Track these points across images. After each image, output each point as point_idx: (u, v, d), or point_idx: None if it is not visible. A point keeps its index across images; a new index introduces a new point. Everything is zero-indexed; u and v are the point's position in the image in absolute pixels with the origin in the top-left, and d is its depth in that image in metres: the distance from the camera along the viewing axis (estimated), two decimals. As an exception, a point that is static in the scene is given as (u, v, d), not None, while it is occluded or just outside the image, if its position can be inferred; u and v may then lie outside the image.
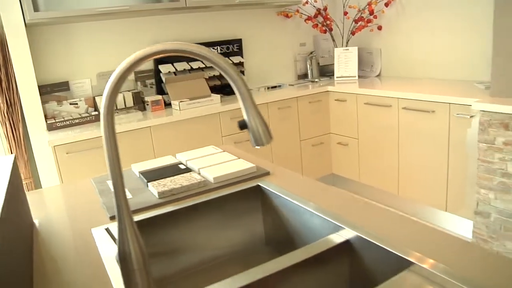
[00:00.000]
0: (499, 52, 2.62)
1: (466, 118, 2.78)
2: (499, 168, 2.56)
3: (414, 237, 1.04)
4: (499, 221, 2.65)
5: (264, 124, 0.87)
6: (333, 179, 4.14)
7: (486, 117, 2.57)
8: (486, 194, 2.67)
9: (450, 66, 3.59)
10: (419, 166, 3.18)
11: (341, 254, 1.08)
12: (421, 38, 3.79)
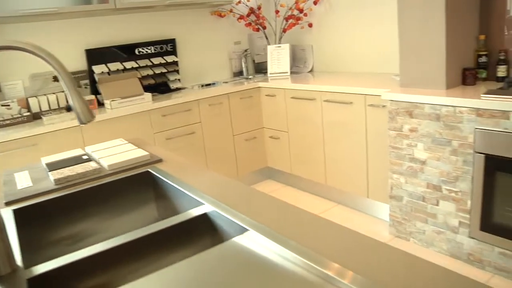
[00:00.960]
0: (405, 46, 2.80)
1: (379, 108, 2.94)
2: (407, 153, 2.73)
3: (270, 213, 1.14)
4: (410, 204, 2.82)
5: (85, 105, 0.97)
6: (268, 172, 4.26)
7: (394, 106, 2.73)
8: (398, 178, 2.83)
9: (374, 60, 3.77)
10: (342, 155, 3.34)
11: (203, 227, 1.19)
12: (348, 34, 3.97)
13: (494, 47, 2.86)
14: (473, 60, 2.89)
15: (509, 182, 2.33)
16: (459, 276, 0.77)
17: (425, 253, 2.78)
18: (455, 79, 2.74)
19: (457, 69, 2.76)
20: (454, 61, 2.70)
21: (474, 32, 2.88)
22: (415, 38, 2.71)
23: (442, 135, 2.53)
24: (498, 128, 2.31)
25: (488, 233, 2.49)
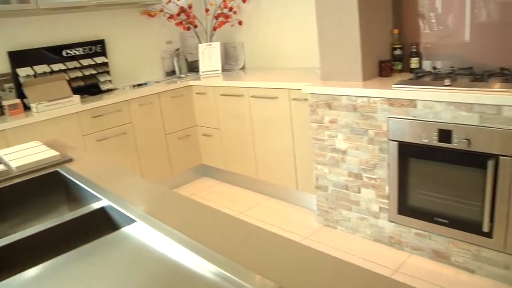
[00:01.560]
0: (323, 41, 2.90)
1: (302, 101, 3.03)
2: (329, 144, 2.83)
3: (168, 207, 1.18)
4: (335, 193, 2.92)
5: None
6: (203, 169, 4.30)
7: (314, 99, 2.83)
8: (322, 169, 2.93)
9: (301, 55, 3.88)
10: (271, 149, 3.42)
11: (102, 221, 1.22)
12: (276, 30, 4.06)
13: (407, 41, 3.01)
14: (389, 53, 3.03)
15: (421, 167, 2.48)
16: (366, 272, 0.82)
17: (352, 240, 2.90)
18: (372, 71, 2.86)
19: (373, 61, 2.89)
20: (370, 54, 2.82)
21: (389, 26, 3.02)
22: (333, 34, 2.82)
23: (359, 125, 2.65)
24: (407, 116, 2.44)
25: (405, 216, 2.63)
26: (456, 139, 2.29)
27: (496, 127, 2.17)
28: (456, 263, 2.51)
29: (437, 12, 2.83)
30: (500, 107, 2.14)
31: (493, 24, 2.60)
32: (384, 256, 2.68)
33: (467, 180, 2.33)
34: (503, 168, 2.19)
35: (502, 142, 2.16)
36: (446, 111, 2.30)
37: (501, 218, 2.27)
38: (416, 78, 2.57)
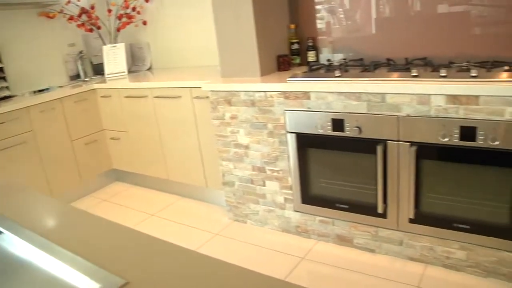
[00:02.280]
0: (221, 39, 2.92)
1: (204, 99, 3.03)
2: (232, 140, 2.86)
3: None
4: (241, 188, 2.96)
5: None
6: (115, 173, 4.20)
7: (214, 96, 2.84)
8: (227, 165, 2.96)
9: (205, 53, 3.88)
10: (179, 149, 3.40)
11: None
12: (181, 29, 4.04)
13: (304, 35, 3.10)
14: (287, 47, 3.11)
15: (319, 156, 2.57)
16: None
17: (261, 232, 2.95)
18: (270, 66, 2.92)
19: (271, 57, 2.95)
20: (268, 50, 2.88)
21: (286, 21, 3.09)
22: (229, 31, 2.84)
23: (258, 119, 2.69)
24: (302, 108, 2.52)
25: (308, 205, 2.71)
26: (348, 127, 2.39)
27: (382, 113, 2.29)
28: (358, 245, 2.63)
29: (332, 7, 2.93)
30: (384, 95, 2.26)
31: (382, 18, 2.73)
32: (292, 245, 2.76)
33: (361, 165, 2.44)
34: (391, 152, 2.32)
35: (388, 128, 2.28)
36: (337, 101, 2.40)
37: (392, 199, 2.40)
38: (310, 71, 2.65)
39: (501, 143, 2.05)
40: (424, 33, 2.68)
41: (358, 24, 2.89)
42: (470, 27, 2.55)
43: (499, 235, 2.19)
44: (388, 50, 2.82)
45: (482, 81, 2.07)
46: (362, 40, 2.90)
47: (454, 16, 2.56)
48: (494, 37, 2.51)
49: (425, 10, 2.64)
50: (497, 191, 2.13)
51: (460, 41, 2.60)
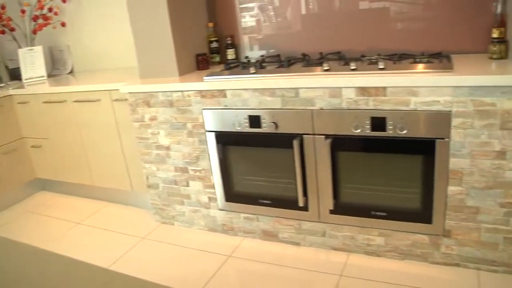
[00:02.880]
0: (138, 39, 2.85)
1: (124, 101, 2.96)
2: (153, 142, 2.81)
3: None
4: (166, 189, 2.91)
5: None
6: (41, 183, 4.04)
7: (133, 98, 2.78)
8: (150, 167, 2.91)
9: (128, 54, 3.77)
10: (102, 153, 3.31)
11: None
12: (103, 30, 3.92)
13: (223, 33, 3.09)
14: (206, 46, 3.08)
15: (239, 153, 2.58)
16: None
17: (189, 233, 2.93)
18: (189, 66, 2.89)
19: (190, 56, 2.92)
20: (186, 49, 2.85)
21: (204, 20, 3.07)
22: (146, 31, 2.79)
23: (177, 119, 2.66)
24: (219, 106, 2.51)
25: (232, 202, 2.71)
26: (265, 123, 2.40)
27: (296, 108, 2.32)
28: (283, 239, 2.66)
29: (250, 4, 2.94)
30: (297, 90, 2.29)
31: (300, 15, 2.77)
32: (219, 244, 2.75)
33: (280, 160, 2.46)
34: (307, 145, 2.35)
35: (303, 122, 2.31)
36: (252, 98, 2.40)
37: (312, 191, 2.44)
38: (227, 69, 2.65)
39: (408, 131, 2.13)
40: (339, 28, 2.74)
41: (277, 21, 2.92)
42: (381, 23, 2.64)
43: (412, 219, 2.28)
44: (306, 46, 2.86)
45: (388, 73, 2.14)
46: (281, 36, 2.94)
47: (367, 12, 2.65)
48: (404, 32, 2.61)
49: (339, 7, 2.70)
50: (408, 178, 2.22)
51: (372, 35, 2.68)
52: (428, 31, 2.59)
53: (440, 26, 2.56)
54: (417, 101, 2.09)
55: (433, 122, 2.09)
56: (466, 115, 2.04)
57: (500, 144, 2.03)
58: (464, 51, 2.54)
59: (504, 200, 2.10)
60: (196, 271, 2.49)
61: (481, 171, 2.10)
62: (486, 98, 1.98)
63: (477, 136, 2.05)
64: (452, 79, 1.99)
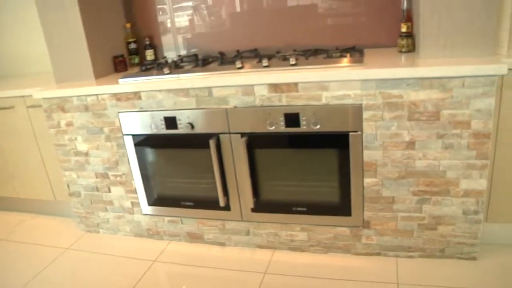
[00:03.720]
0: (51, 44, 2.74)
1: (39, 107, 2.83)
2: (71, 148, 2.71)
3: None
4: (88, 196, 2.82)
5: None
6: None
7: (47, 104, 2.67)
8: (70, 174, 2.80)
9: (45, 59, 3.60)
10: (23, 163, 3.15)
11: None
12: (20, 34, 3.72)
13: (141, 34, 3.02)
14: (124, 47, 3.00)
15: (158, 156, 2.53)
16: None
17: (115, 240, 2.85)
18: (106, 68, 2.82)
19: (107, 58, 2.85)
20: (102, 51, 2.77)
21: (122, 21, 2.99)
22: (58, 34, 2.69)
23: (94, 124, 2.58)
24: (135, 109, 2.45)
25: (155, 206, 2.65)
26: (181, 124, 2.37)
27: (210, 107, 2.29)
28: (209, 240, 2.63)
29: (168, 4, 2.89)
30: (210, 89, 2.26)
31: (217, 13, 2.75)
32: (145, 249, 2.69)
33: (199, 161, 2.44)
34: (224, 144, 2.34)
35: (218, 121, 2.30)
36: (167, 99, 2.36)
37: (233, 191, 2.42)
38: (142, 70, 2.59)
39: (322, 126, 2.15)
40: (256, 26, 2.76)
41: (197, 21, 2.90)
42: (297, 19, 2.68)
43: (332, 213, 2.31)
44: (225, 44, 2.86)
45: (299, 69, 2.16)
46: (201, 36, 2.93)
47: (283, 9, 2.67)
48: (319, 28, 2.65)
49: (254, 4, 2.70)
50: (325, 172, 2.24)
51: (289, 32, 2.71)
52: (343, 26, 2.64)
53: (354, 21, 2.61)
54: (328, 95, 2.11)
55: (345, 116, 2.12)
56: (376, 108, 2.07)
57: (409, 134, 2.08)
58: (378, 45, 2.59)
59: (416, 189, 2.16)
60: (121, 279, 2.42)
61: (393, 162, 2.14)
62: (393, 90, 2.03)
63: (387, 128, 2.09)
64: (360, 73, 2.02)
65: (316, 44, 2.67)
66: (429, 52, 2.11)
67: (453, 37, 2.04)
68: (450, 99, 1.97)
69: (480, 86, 1.92)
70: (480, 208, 2.12)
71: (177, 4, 2.93)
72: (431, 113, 2.02)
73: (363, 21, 2.60)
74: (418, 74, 1.95)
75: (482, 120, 1.97)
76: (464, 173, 2.07)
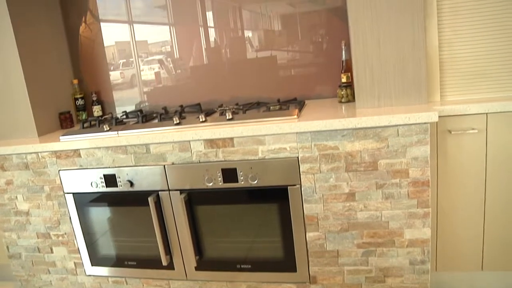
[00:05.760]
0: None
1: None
2: (11, 208, 2.63)
3: None
4: (29, 258, 2.71)
5: None
6: None
7: (-13, 163, 2.60)
8: (10, 235, 2.70)
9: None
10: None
11: None
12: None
13: (89, 89, 3.00)
14: (72, 103, 2.97)
15: (100, 214, 2.46)
16: None
17: (57, 303, 2.72)
18: (51, 125, 2.77)
19: (53, 115, 2.81)
20: (47, 108, 2.74)
21: (70, 77, 2.97)
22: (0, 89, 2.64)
23: (34, 182, 2.52)
24: (75, 167, 2.39)
25: (99, 266, 2.56)
26: (120, 182, 2.32)
27: (148, 164, 2.25)
28: (155, 301, 2.52)
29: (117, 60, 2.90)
30: (148, 146, 2.23)
31: (167, 71, 2.75)
32: (87, 313, 2.56)
33: (140, 219, 2.38)
34: (164, 202, 2.29)
35: (157, 178, 2.26)
36: (106, 156, 2.32)
37: (176, 249, 2.35)
38: (84, 127, 2.55)
39: (260, 181, 2.12)
40: (202, 80, 2.76)
41: (142, 76, 2.90)
42: (241, 72, 2.70)
43: (278, 269, 2.25)
44: (170, 98, 2.85)
45: (235, 123, 2.14)
46: (149, 91, 2.92)
47: (228, 64, 2.68)
48: (264, 80, 2.66)
49: (199, 60, 2.72)
50: (267, 227, 2.19)
51: (234, 85, 2.72)
52: (287, 78, 2.66)
53: (299, 72, 2.64)
54: (264, 149, 2.09)
55: (282, 170, 2.09)
56: (312, 160, 2.05)
57: (348, 186, 2.05)
58: (321, 96, 2.61)
59: (360, 241, 2.12)
60: None
61: (335, 214, 2.11)
62: (328, 142, 2.01)
63: (325, 180, 2.07)
64: (293, 126, 2.01)
65: (260, 96, 2.68)
66: (365, 102, 2.12)
67: (386, 87, 2.07)
68: (386, 149, 1.96)
69: (414, 134, 1.92)
70: (426, 258, 2.08)
71: (123, 59, 2.93)
72: (369, 163, 2.00)
73: (307, 72, 2.63)
74: (351, 125, 1.95)
75: (420, 168, 1.96)
76: (407, 223, 2.04)
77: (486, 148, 2.08)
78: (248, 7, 2.65)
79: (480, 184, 2.12)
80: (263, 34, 2.65)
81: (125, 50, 2.94)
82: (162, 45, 2.86)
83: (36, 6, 2.74)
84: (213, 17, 2.73)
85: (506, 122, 2.03)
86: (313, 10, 2.57)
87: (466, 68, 2.14)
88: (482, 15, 2.07)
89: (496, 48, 2.10)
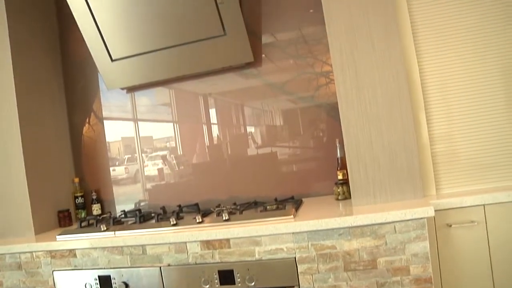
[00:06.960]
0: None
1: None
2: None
3: None
4: None
5: None
6: None
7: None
8: None
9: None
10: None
11: None
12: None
13: (89, 188, 3.03)
14: (71, 201, 2.99)
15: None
16: None
17: None
18: (49, 223, 2.77)
19: (52, 213, 2.82)
20: (46, 206, 2.75)
21: (71, 175, 3.01)
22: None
23: (26, 284, 2.47)
24: (70, 267, 2.36)
25: None
26: (115, 283, 2.28)
27: (144, 265, 2.22)
28: None
29: (114, 159, 2.96)
30: (144, 247, 2.21)
31: (166, 169, 2.80)
32: None
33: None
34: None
35: (152, 280, 2.22)
36: (102, 256, 2.30)
37: None
38: (81, 226, 2.54)
39: (257, 282, 2.08)
40: (200, 180, 2.79)
41: (144, 175, 2.94)
42: (239, 171, 2.73)
43: None
44: (168, 197, 2.86)
45: (231, 224, 2.14)
46: (149, 189, 2.94)
47: (226, 163, 2.73)
48: (262, 179, 2.69)
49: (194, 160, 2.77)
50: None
51: (232, 184, 2.74)
52: (286, 175, 2.69)
53: (297, 169, 2.66)
54: (261, 250, 2.08)
55: (280, 271, 2.06)
56: (310, 260, 2.03)
57: (348, 286, 2.02)
58: (319, 194, 2.62)
59: None
60: None
61: (335, 317, 2.04)
62: (325, 241, 2.00)
63: (324, 280, 2.04)
64: (289, 226, 2.02)
65: (258, 195, 2.69)
66: (361, 200, 2.14)
67: (380, 184, 2.09)
68: (385, 246, 1.95)
69: (412, 230, 1.92)
70: None
71: (128, 155, 2.98)
72: (368, 262, 1.98)
73: (306, 167, 2.66)
74: (347, 224, 1.95)
75: (421, 264, 1.93)
76: (412, 323, 1.97)
77: (488, 241, 2.06)
78: (250, 104, 2.74)
79: (487, 278, 2.07)
80: (265, 129, 2.71)
81: (130, 146, 3.01)
82: (167, 140, 2.93)
83: (43, 105, 2.85)
84: (216, 114, 2.81)
85: (505, 213, 2.03)
86: (306, 106, 2.65)
87: (461, 160, 2.17)
88: (474, 111, 2.15)
89: (491, 140, 2.15)
